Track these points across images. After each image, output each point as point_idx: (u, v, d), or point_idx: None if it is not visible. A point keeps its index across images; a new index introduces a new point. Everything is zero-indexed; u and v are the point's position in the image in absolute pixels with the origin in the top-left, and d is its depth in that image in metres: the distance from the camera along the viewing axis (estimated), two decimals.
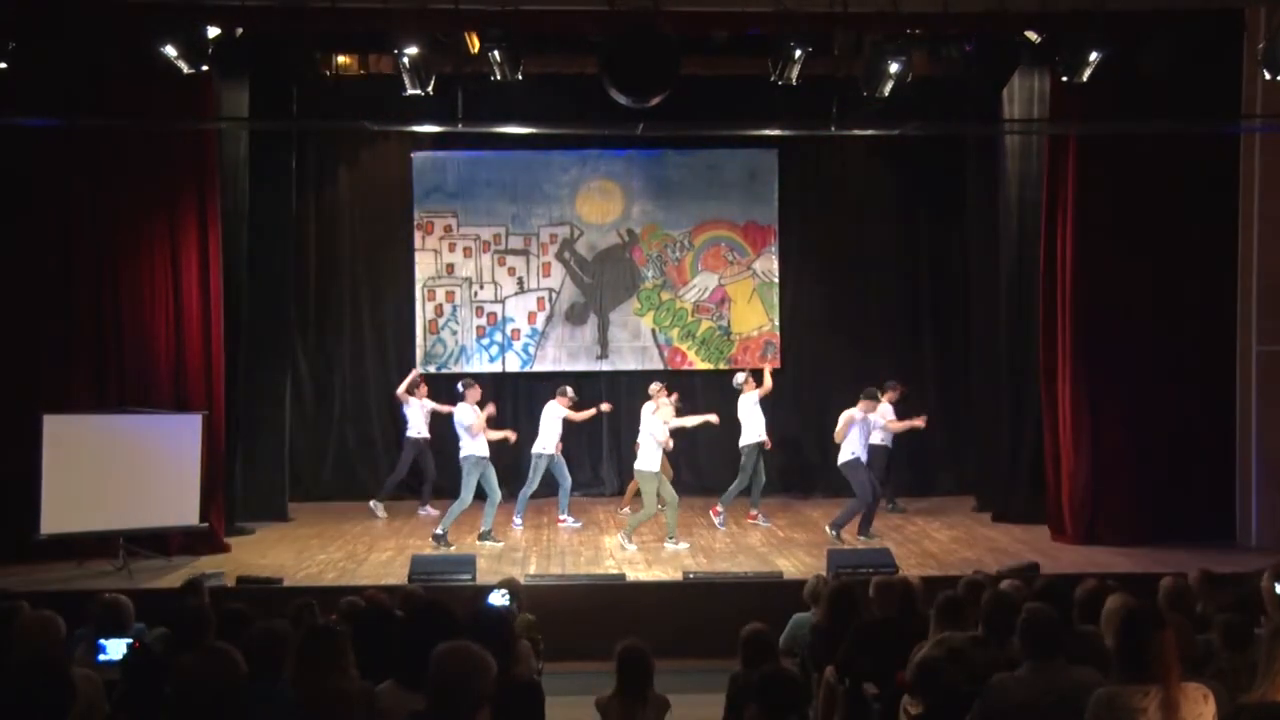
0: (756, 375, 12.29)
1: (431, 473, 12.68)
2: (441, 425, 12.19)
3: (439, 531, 10.78)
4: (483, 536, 11.06)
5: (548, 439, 11.80)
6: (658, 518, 11.07)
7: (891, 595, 6.12)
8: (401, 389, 12.49)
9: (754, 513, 12.17)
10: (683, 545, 10.74)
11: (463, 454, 11.03)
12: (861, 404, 11.13)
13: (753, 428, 11.94)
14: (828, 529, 11.12)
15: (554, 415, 11.84)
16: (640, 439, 11.14)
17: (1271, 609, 5.82)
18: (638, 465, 11.01)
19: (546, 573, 9.79)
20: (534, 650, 6.35)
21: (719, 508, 11.96)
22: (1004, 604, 5.16)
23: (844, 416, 11.13)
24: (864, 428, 11.18)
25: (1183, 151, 10.85)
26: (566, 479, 12.13)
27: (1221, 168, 11.10)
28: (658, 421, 11.01)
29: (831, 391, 13.07)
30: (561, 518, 12.08)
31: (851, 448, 11.08)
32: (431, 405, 12.50)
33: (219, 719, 3.84)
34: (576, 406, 12.04)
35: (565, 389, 12.02)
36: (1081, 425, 11.09)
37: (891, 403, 12.37)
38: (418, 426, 12.54)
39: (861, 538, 10.99)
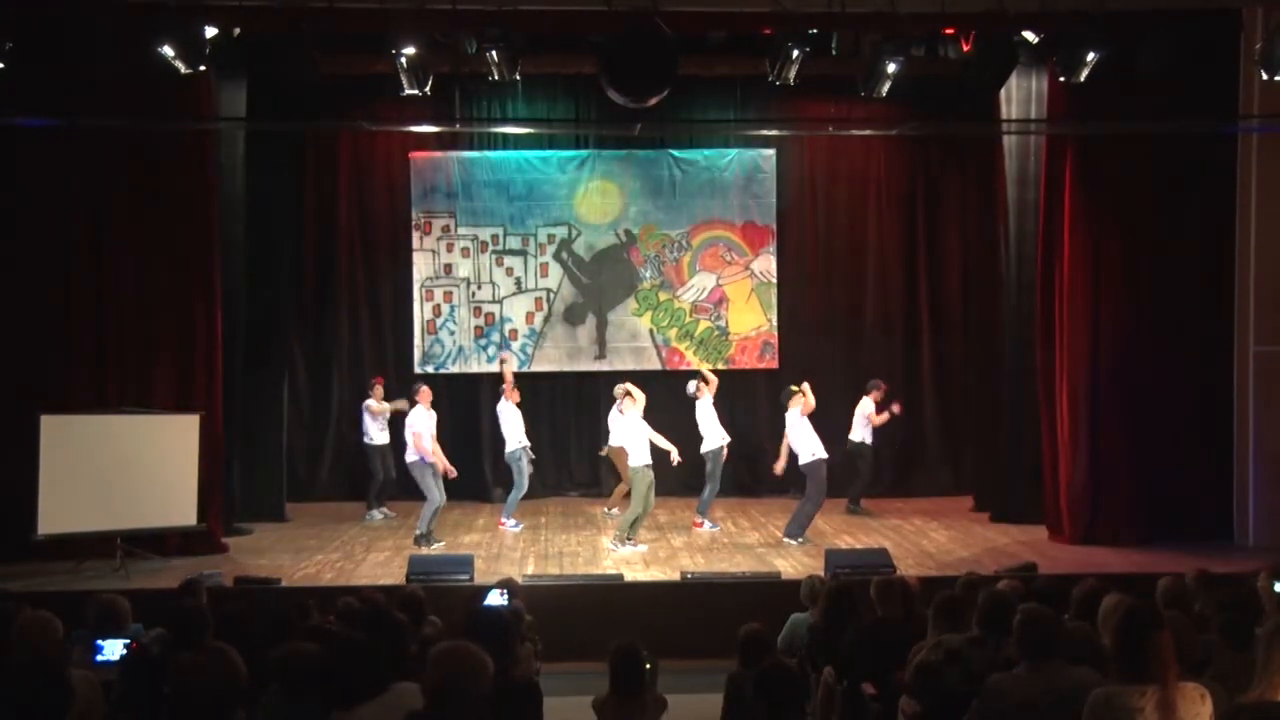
0: (693, 375, 12.23)
1: (380, 475, 12.65)
2: (396, 427, 12.32)
3: (419, 532, 10.90)
4: (419, 539, 10.96)
5: (514, 436, 11.89)
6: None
7: (892, 595, 6.12)
8: (385, 407, 12.42)
9: (700, 520, 11.81)
10: (641, 547, 10.69)
11: (409, 459, 11.27)
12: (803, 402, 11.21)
13: (714, 432, 11.77)
14: (786, 540, 10.98)
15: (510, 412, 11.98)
16: (623, 441, 11.11)
17: (1269, 608, 5.82)
18: (631, 463, 10.88)
19: (544, 573, 9.79)
20: (532, 651, 6.35)
21: (700, 520, 11.79)
22: (1000, 604, 5.16)
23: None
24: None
25: (1180, 152, 10.88)
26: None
27: (1219, 168, 11.12)
28: (636, 416, 10.91)
29: (829, 392, 13.05)
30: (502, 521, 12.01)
31: (812, 448, 11.09)
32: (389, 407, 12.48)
33: (217, 719, 3.83)
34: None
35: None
36: (1079, 425, 11.10)
37: (876, 402, 12.59)
38: (376, 433, 12.60)
39: (788, 539, 10.96)
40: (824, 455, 11.08)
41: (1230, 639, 5.00)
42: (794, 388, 11.37)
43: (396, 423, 12.22)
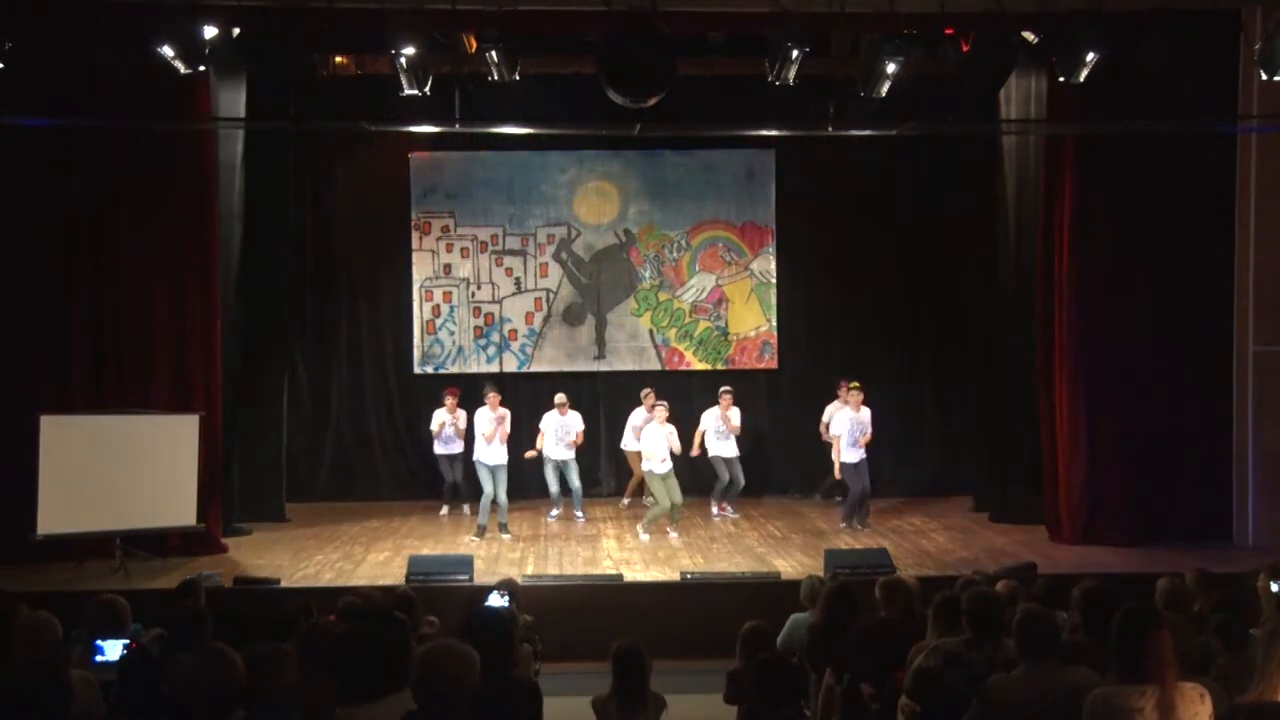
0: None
1: (449, 478, 12.66)
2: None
3: (484, 523, 11.35)
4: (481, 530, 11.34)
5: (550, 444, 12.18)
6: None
7: (896, 596, 6.12)
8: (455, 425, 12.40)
9: (724, 504, 12.44)
10: (671, 535, 11.20)
11: (476, 457, 11.52)
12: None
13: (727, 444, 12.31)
14: (842, 525, 11.66)
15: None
16: (642, 446, 11.48)
17: (1268, 609, 5.83)
18: (646, 467, 11.39)
19: (544, 573, 9.79)
20: (532, 651, 6.36)
21: (725, 505, 12.37)
22: (986, 604, 5.16)
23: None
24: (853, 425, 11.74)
25: (1180, 152, 10.87)
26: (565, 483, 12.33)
27: (1218, 168, 11.11)
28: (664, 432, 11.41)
29: (829, 392, 13.05)
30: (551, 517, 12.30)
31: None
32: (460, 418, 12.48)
33: (215, 719, 3.83)
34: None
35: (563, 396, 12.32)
36: (1078, 425, 11.10)
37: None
38: (439, 443, 12.59)
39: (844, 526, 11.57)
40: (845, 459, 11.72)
41: (1228, 639, 5.00)
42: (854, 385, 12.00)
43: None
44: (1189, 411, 11.18)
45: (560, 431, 12.09)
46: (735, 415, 12.24)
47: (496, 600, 6.96)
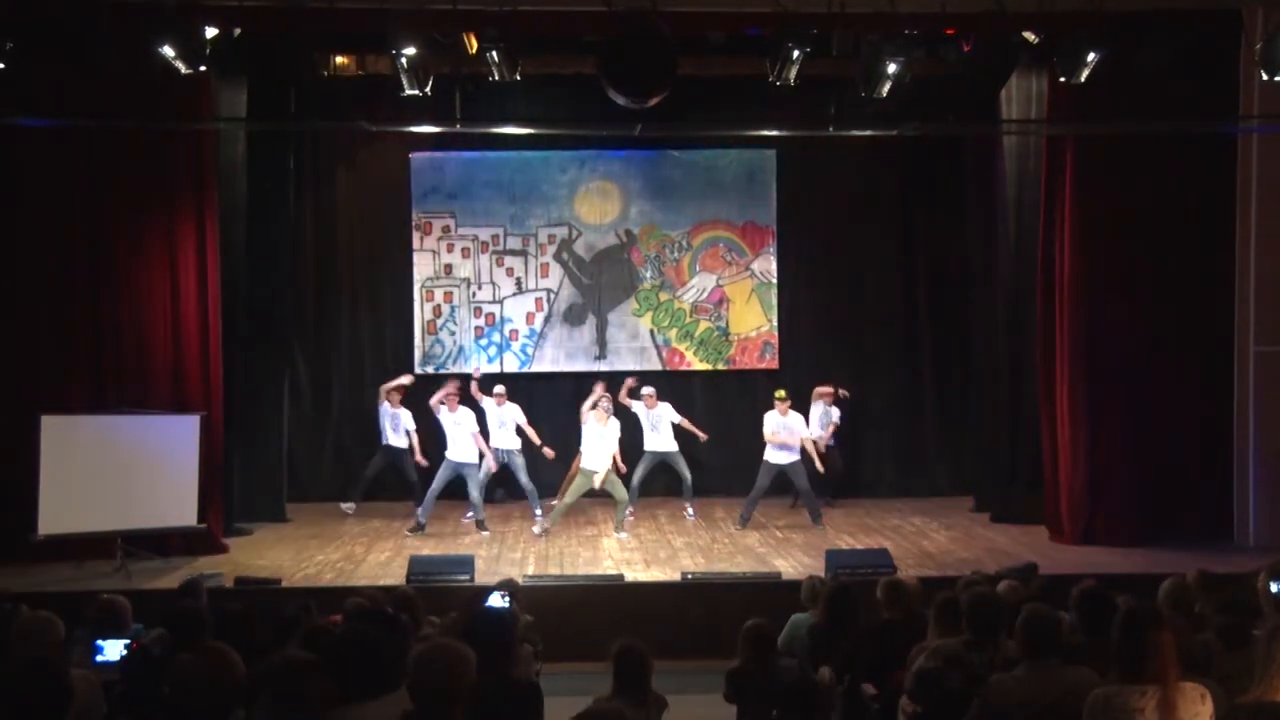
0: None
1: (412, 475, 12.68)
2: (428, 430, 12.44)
3: (481, 517, 11.74)
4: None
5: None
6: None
7: (897, 596, 6.12)
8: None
9: (687, 506, 12.51)
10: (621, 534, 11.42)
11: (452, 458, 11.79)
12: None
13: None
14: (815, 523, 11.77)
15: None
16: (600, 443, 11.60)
17: (1268, 609, 5.82)
18: (584, 466, 11.55)
19: (545, 573, 9.79)
20: (532, 651, 6.36)
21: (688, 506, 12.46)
22: (984, 604, 5.16)
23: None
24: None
25: (1180, 152, 10.88)
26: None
27: (1219, 168, 11.11)
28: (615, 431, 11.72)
29: None
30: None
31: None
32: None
33: (216, 719, 3.83)
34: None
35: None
36: (1079, 425, 11.10)
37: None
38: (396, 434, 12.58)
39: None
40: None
41: (1228, 639, 5.00)
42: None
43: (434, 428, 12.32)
44: (1190, 411, 11.17)
45: (498, 422, 12.11)
46: (668, 411, 12.29)
47: (497, 600, 6.96)
